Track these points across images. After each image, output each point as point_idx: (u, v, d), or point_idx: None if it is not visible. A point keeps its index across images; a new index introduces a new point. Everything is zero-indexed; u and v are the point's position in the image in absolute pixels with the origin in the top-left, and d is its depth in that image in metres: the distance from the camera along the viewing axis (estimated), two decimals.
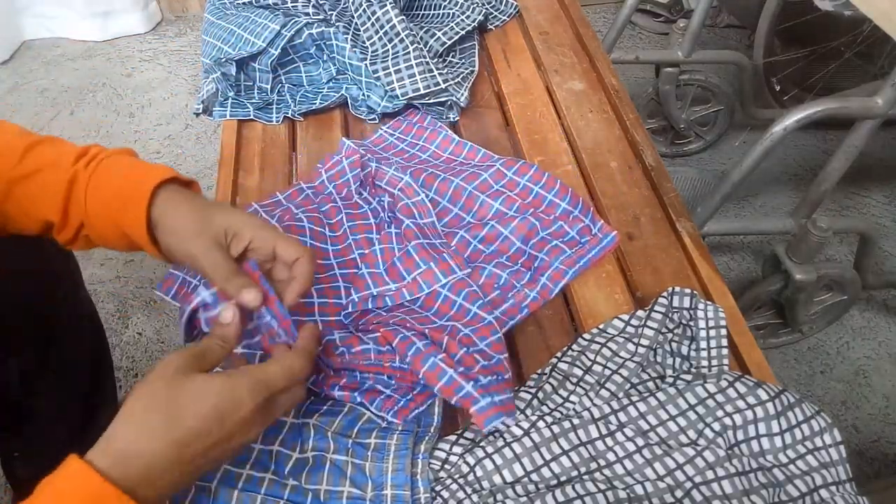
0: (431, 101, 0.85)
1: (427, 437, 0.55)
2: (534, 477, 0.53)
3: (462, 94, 0.87)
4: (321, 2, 0.89)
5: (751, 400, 0.55)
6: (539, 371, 0.61)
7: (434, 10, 0.99)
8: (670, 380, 0.59)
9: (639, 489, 0.52)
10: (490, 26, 1.02)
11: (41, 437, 0.76)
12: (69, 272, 0.74)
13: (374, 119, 0.87)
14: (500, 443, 0.54)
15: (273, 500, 0.51)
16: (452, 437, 0.56)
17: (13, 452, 0.80)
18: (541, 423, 0.55)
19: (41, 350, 0.68)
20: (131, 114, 1.73)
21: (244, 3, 0.91)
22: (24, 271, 0.66)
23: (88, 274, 1.35)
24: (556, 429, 0.54)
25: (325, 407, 0.57)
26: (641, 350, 0.60)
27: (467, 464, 0.53)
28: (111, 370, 0.85)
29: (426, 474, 0.53)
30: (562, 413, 0.57)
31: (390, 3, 0.87)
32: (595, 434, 0.55)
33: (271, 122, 0.87)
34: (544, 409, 0.57)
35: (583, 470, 0.53)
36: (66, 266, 0.73)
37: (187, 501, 0.50)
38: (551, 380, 0.59)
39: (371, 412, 0.57)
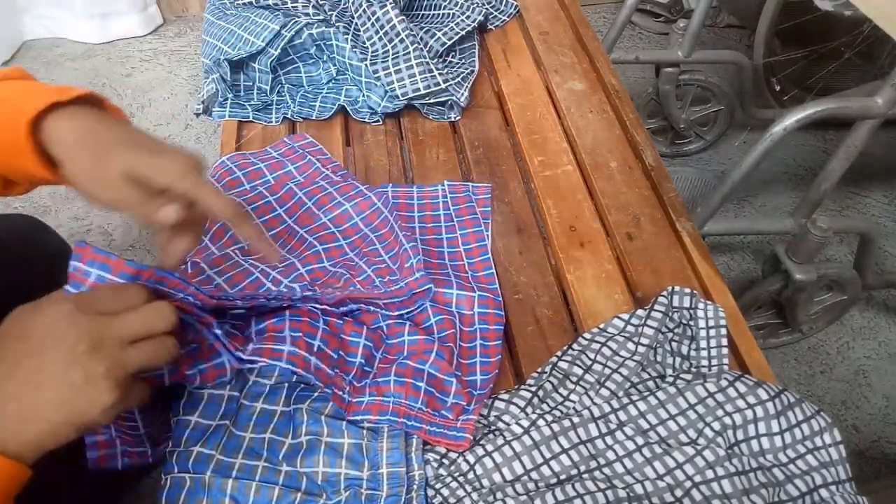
0: (432, 101, 0.86)
1: None
2: (533, 475, 0.53)
3: (462, 94, 0.87)
4: (321, 2, 0.89)
5: (751, 399, 0.55)
6: (539, 370, 0.61)
7: (434, 10, 0.99)
8: (670, 379, 0.59)
9: (638, 488, 0.52)
10: (490, 26, 1.02)
11: None
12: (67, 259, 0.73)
13: (377, 120, 0.86)
14: (500, 441, 0.54)
15: (268, 487, 0.51)
16: None
17: None
18: (541, 422, 0.55)
19: None
20: (131, 114, 1.73)
21: (244, 4, 0.91)
22: (19, 258, 0.66)
23: None
24: (555, 427, 0.55)
25: (315, 394, 0.57)
26: (641, 349, 0.60)
27: (467, 462, 0.53)
28: None
29: (419, 452, 0.54)
30: (562, 411, 0.57)
31: (390, 4, 0.87)
32: (595, 433, 0.55)
33: (270, 122, 0.87)
34: (544, 407, 0.57)
35: (582, 468, 0.53)
36: (66, 251, 0.73)
37: (183, 493, 0.50)
38: (551, 378, 0.59)
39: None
